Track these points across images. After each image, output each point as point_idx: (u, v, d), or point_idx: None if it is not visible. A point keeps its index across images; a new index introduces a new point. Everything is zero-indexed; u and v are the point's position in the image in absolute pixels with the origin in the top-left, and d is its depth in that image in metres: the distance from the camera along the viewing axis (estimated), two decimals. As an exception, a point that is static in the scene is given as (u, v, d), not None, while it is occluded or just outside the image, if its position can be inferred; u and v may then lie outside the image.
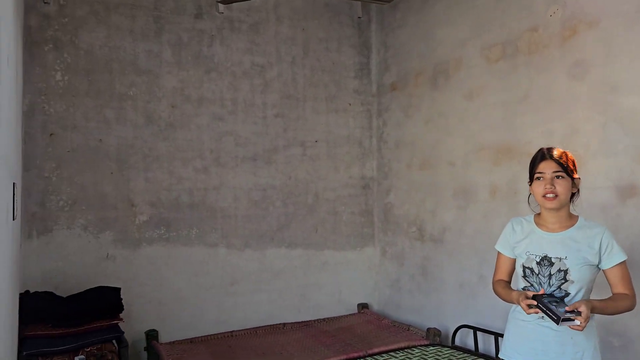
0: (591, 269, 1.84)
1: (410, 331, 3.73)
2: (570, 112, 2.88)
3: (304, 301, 4.25)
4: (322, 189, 4.37)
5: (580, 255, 1.83)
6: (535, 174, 1.91)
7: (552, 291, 1.83)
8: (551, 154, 1.90)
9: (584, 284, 1.84)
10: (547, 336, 1.84)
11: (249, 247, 4.06)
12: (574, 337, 1.81)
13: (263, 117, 4.15)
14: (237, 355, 3.36)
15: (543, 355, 1.85)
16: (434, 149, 3.89)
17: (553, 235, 1.90)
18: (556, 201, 1.85)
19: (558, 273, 1.83)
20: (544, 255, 1.87)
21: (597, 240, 1.85)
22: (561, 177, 1.86)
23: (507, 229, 2.06)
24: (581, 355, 1.82)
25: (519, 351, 1.92)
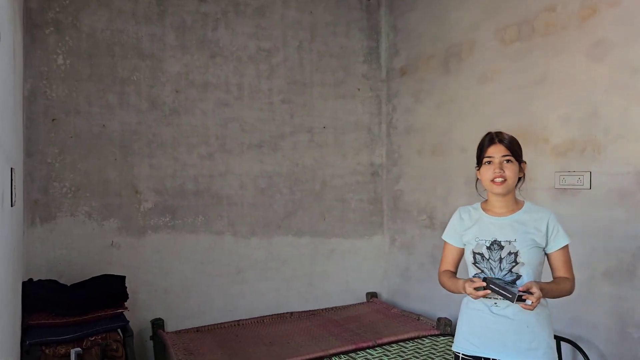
0: (539, 252, 1.85)
1: (421, 321, 3.66)
2: (589, 95, 2.76)
3: (312, 290, 4.18)
4: (329, 176, 4.28)
5: (529, 237, 1.84)
6: (484, 158, 1.90)
7: (504, 275, 1.82)
8: (500, 138, 1.89)
9: (534, 267, 1.84)
10: (503, 325, 1.82)
11: (255, 235, 3.99)
12: (530, 326, 1.80)
13: (269, 103, 4.05)
14: (244, 345, 3.31)
15: (499, 345, 1.83)
16: (446, 134, 3.79)
17: (501, 220, 1.90)
18: (504, 185, 1.85)
19: (508, 256, 1.82)
20: (494, 240, 1.86)
21: (544, 223, 1.87)
22: (510, 162, 1.86)
23: (454, 218, 2.04)
24: (537, 344, 1.81)
25: (475, 342, 1.88)
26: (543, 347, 1.81)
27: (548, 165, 2.99)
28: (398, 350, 3.12)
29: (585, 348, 2.70)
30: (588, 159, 2.78)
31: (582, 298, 2.80)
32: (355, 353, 3.07)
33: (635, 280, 2.56)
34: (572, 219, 2.85)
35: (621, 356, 2.63)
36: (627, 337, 2.60)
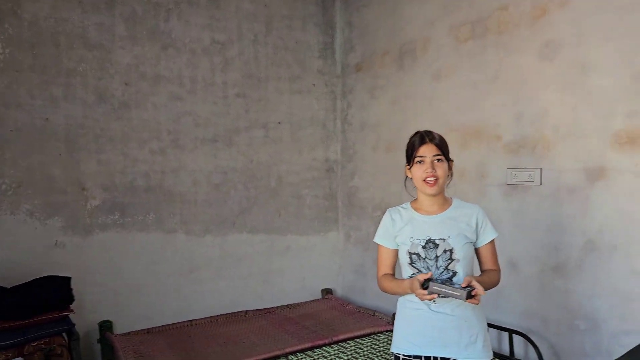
0: (471, 247, 1.89)
1: (376, 316, 3.67)
2: (541, 93, 2.83)
3: (267, 287, 4.13)
4: (285, 172, 4.23)
5: (462, 233, 1.86)
6: (416, 157, 1.89)
7: (440, 273, 1.83)
8: (431, 137, 1.90)
9: (468, 262, 1.87)
10: (443, 322, 1.83)
11: (209, 232, 3.89)
12: (468, 321, 1.83)
13: (224, 97, 3.96)
14: (197, 345, 3.22)
15: (440, 342, 1.84)
16: (400, 131, 3.81)
17: (433, 218, 1.91)
18: (436, 185, 1.86)
19: (444, 254, 1.83)
20: (428, 239, 1.86)
21: (474, 218, 1.91)
22: (441, 161, 1.88)
23: (385, 221, 2.00)
24: (475, 338, 1.84)
25: (415, 342, 1.87)
26: (481, 340, 1.85)
27: (500, 162, 3.06)
28: (354, 346, 3.11)
29: (537, 340, 2.78)
30: (539, 156, 2.85)
31: (534, 292, 2.89)
32: (312, 351, 3.05)
33: (583, 274, 2.65)
34: (523, 215, 2.92)
35: (570, 347, 2.72)
36: (575, 329, 2.69)
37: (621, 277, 2.50)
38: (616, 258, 2.52)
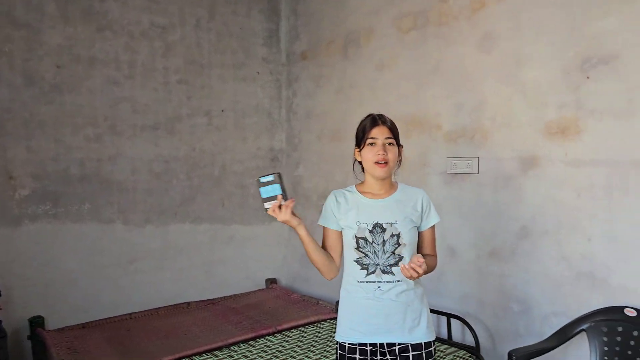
0: (416, 231, 1.89)
1: (320, 305, 3.69)
2: (479, 84, 2.91)
3: (210, 278, 4.06)
4: (229, 161, 4.16)
5: (408, 217, 1.85)
6: (367, 139, 1.85)
7: (387, 257, 1.81)
8: (383, 120, 1.88)
9: (413, 246, 1.87)
10: (388, 309, 1.81)
11: (150, 222, 3.78)
12: (411, 304, 1.84)
13: (165, 83, 3.83)
14: (137, 339, 3.12)
15: (385, 329, 1.82)
16: (345, 120, 3.82)
17: (380, 202, 1.88)
18: (387, 168, 1.83)
19: (391, 238, 1.81)
20: (375, 223, 1.83)
21: (419, 202, 1.91)
22: (392, 144, 1.85)
23: (329, 203, 1.93)
24: (418, 321, 1.85)
25: (360, 329, 1.84)
26: (424, 322, 1.86)
27: (441, 151, 3.12)
28: (298, 335, 3.11)
29: (473, 323, 2.87)
30: (476, 145, 2.93)
31: (471, 277, 2.98)
32: (255, 341, 3.02)
33: (517, 258, 2.75)
34: (462, 202, 3.00)
35: (504, 329, 2.83)
36: (509, 311, 2.80)
37: (552, 261, 2.61)
38: (547, 243, 2.63)
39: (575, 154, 2.51)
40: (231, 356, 2.80)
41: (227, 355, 2.81)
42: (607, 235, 2.41)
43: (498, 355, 2.84)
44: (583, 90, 2.47)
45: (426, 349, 1.85)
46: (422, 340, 1.84)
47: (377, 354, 1.84)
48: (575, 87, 2.50)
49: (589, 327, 2.38)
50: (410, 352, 1.82)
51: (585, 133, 2.47)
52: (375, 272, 1.82)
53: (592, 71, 2.43)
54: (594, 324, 2.37)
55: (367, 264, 1.83)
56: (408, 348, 1.82)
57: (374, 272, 1.82)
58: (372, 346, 1.84)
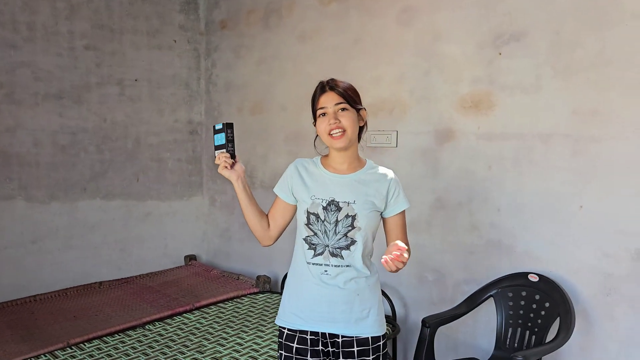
0: (377, 216, 1.70)
1: (240, 280, 3.63)
2: (398, 58, 2.93)
3: (125, 256, 3.87)
4: (144, 134, 3.95)
5: (369, 199, 1.67)
6: (318, 110, 1.68)
7: (338, 239, 1.65)
8: (332, 85, 1.67)
9: (370, 231, 1.69)
10: (334, 296, 1.66)
11: (55, 199, 3.52)
12: (360, 294, 1.67)
13: (70, 49, 3.54)
14: (42, 322, 2.92)
15: (328, 318, 1.67)
16: (266, 92, 3.74)
17: (341, 177, 1.70)
18: (344, 138, 1.63)
19: (345, 219, 1.64)
20: (331, 200, 1.66)
21: (385, 186, 1.71)
22: (346, 110, 1.65)
23: (289, 171, 1.77)
24: (367, 312, 1.68)
25: (302, 316, 1.69)
26: (373, 315, 1.69)
27: (361, 125, 3.13)
28: (217, 311, 3.05)
29: (390, 293, 2.94)
30: (395, 119, 2.96)
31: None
32: (172, 319, 2.93)
33: (432, 229, 2.84)
34: (380, 175, 3.03)
35: (419, 298, 2.92)
36: (424, 280, 2.89)
37: (464, 231, 2.71)
38: (460, 214, 2.73)
39: (487, 127, 2.60)
40: (145, 335, 2.69)
41: (141, 334, 2.70)
42: (513, 205, 2.53)
43: (413, 323, 2.93)
44: (495, 66, 2.55)
45: (373, 344, 1.68)
46: (370, 335, 1.68)
47: (318, 344, 1.69)
48: (489, 63, 2.57)
49: (496, 292, 2.50)
50: (355, 347, 1.67)
51: (497, 107, 2.56)
52: (323, 253, 1.66)
53: (504, 47, 2.51)
54: (501, 289, 2.50)
55: (316, 244, 1.67)
56: (353, 342, 1.67)
57: (322, 253, 1.66)
58: (313, 335, 1.69)
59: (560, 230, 2.38)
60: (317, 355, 1.69)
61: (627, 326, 2.22)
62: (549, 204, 2.42)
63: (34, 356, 2.41)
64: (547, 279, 2.37)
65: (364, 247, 1.66)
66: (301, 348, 1.69)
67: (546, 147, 2.40)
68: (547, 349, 2.13)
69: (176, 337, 2.67)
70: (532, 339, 2.35)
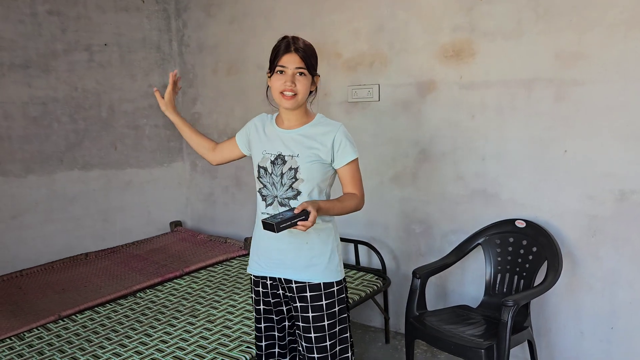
0: (323, 167, 1.73)
1: (228, 243, 3.63)
2: (375, 9, 2.85)
3: (108, 226, 3.82)
4: (117, 101, 3.83)
5: (312, 152, 1.72)
6: (277, 67, 1.70)
7: (285, 190, 1.72)
8: (297, 47, 1.69)
9: (315, 183, 1.72)
10: (283, 244, 1.74)
11: (31, 172, 3.42)
12: (310, 243, 1.73)
13: (32, 14, 3.37)
14: (30, 297, 2.89)
15: (279, 264, 1.77)
16: (241, 52, 3.63)
17: (288, 133, 1.77)
18: (294, 100, 1.69)
19: (289, 171, 1.71)
20: (279, 154, 1.74)
21: (330, 138, 1.73)
22: (303, 74, 1.69)
23: (250, 123, 1.89)
24: (317, 260, 1.74)
25: (260, 263, 1.82)
26: (324, 263, 1.75)
27: (341, 80, 3.08)
28: (207, 275, 3.05)
29: (379, 247, 2.97)
30: (376, 72, 2.92)
31: (375, 203, 3.04)
32: (162, 285, 2.92)
33: (417, 181, 2.84)
34: (364, 131, 3.01)
35: (407, 250, 2.96)
36: (411, 232, 2.92)
37: (449, 182, 2.73)
38: (445, 165, 2.73)
39: (469, 76, 2.58)
40: (137, 303, 2.68)
41: (133, 302, 2.70)
42: (498, 154, 2.54)
43: (403, 274, 2.98)
44: (476, 12, 2.51)
45: (326, 289, 1.75)
46: (321, 281, 1.74)
47: (278, 289, 1.81)
48: (469, 9, 2.52)
49: (483, 240, 2.54)
50: (307, 292, 1.74)
51: (478, 55, 2.53)
52: (272, 204, 1.74)
53: (484, -7, 2.46)
54: (488, 237, 2.54)
55: (266, 195, 1.76)
56: (305, 287, 1.74)
57: (272, 204, 1.74)
58: (272, 280, 1.81)
59: (545, 175, 2.41)
60: (277, 297, 1.83)
61: (610, 265, 2.28)
62: (532, 150, 2.43)
63: (27, 330, 2.40)
64: (534, 224, 2.41)
65: (310, 197, 1.72)
66: (264, 292, 1.84)
67: (529, 93, 2.40)
68: (536, 291, 2.19)
69: (168, 303, 2.67)
70: (521, 283, 2.41)
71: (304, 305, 1.75)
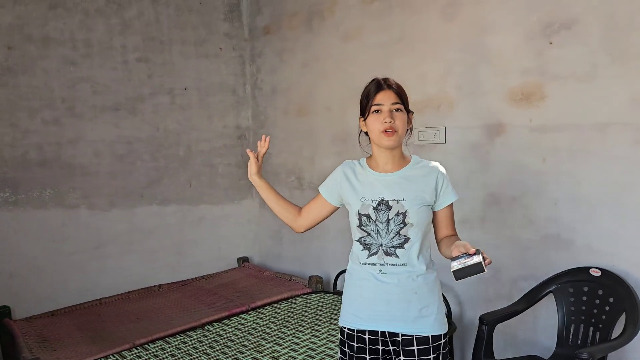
0: (428, 210, 1.69)
1: (293, 281, 3.69)
2: (443, 53, 2.90)
3: (181, 260, 4.00)
4: (195, 141, 4.07)
5: (418, 195, 1.66)
6: (372, 106, 1.66)
7: (392, 238, 1.65)
8: (389, 84, 1.69)
9: (423, 227, 1.67)
10: (390, 294, 1.65)
11: (115, 206, 3.68)
12: (418, 292, 1.66)
13: (124, 62, 3.70)
14: (108, 324, 3.07)
15: (386, 316, 1.66)
16: (311, 94, 3.78)
17: (388, 176, 1.70)
18: (395, 137, 1.64)
19: (396, 217, 1.64)
20: (381, 199, 1.66)
21: (434, 179, 1.70)
22: (400, 111, 1.66)
23: (336, 174, 1.79)
24: (427, 311, 1.66)
25: (360, 315, 1.70)
26: (433, 313, 1.67)
27: (408, 122, 3.11)
28: (272, 311, 3.11)
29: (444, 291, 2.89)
30: (443, 115, 2.93)
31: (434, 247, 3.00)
32: (229, 319, 3.01)
33: (486, 224, 2.79)
34: (430, 172, 3.01)
35: (475, 296, 2.88)
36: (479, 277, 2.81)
37: (519, 226, 2.66)
38: (515, 209, 2.67)
39: (539, 119, 2.54)
40: (205, 336, 2.78)
41: (201, 335, 2.79)
42: (571, 198, 2.45)
43: (469, 321, 2.89)
44: (546, 56, 2.48)
45: (434, 342, 1.66)
46: (430, 333, 1.66)
47: (378, 343, 1.70)
48: (539, 53, 2.51)
49: (555, 288, 2.44)
50: (415, 346, 1.65)
51: (549, 98, 2.50)
52: (377, 253, 1.66)
53: (554, 36, 2.44)
54: (561, 285, 2.43)
55: (370, 244, 1.68)
56: (413, 341, 1.65)
57: (376, 253, 1.66)
58: (371, 334, 1.70)
59: (622, 222, 2.30)
60: (376, 354, 1.70)
61: (699, 320, 2.12)
62: (609, 195, 2.33)
63: (104, 356, 2.54)
64: (610, 273, 2.29)
65: (419, 243, 1.66)
66: (360, 347, 1.71)
67: (604, 136, 2.32)
68: (613, 345, 2.06)
69: (234, 337, 2.74)
70: (597, 335, 2.28)
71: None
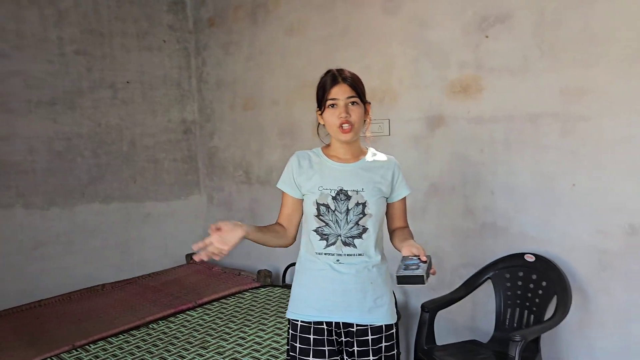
0: (384, 202, 1.70)
1: (241, 276, 3.66)
2: (386, 46, 2.93)
3: (126, 258, 3.91)
4: (138, 136, 3.97)
5: (376, 187, 1.67)
6: (328, 100, 1.63)
7: (350, 228, 1.64)
8: (344, 76, 1.65)
9: (379, 218, 1.68)
10: (347, 284, 1.64)
11: (54, 205, 3.55)
12: (374, 282, 1.66)
13: (60, 55, 3.56)
14: (47, 326, 2.96)
15: (343, 306, 1.65)
16: (257, 87, 3.75)
17: (347, 166, 1.69)
18: (352, 132, 1.62)
19: (356, 207, 1.63)
20: (340, 189, 1.64)
21: (390, 171, 1.72)
22: (355, 104, 1.64)
23: (291, 164, 1.73)
24: (381, 301, 1.67)
25: (316, 306, 1.66)
26: (387, 303, 1.69)
27: (352, 115, 3.14)
28: (219, 307, 3.08)
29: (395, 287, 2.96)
30: (386, 107, 2.97)
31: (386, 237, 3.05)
32: (175, 317, 2.96)
33: (427, 215, 2.86)
34: (374, 165, 3.05)
35: (418, 284, 2.93)
36: (422, 266, 2.90)
37: (459, 216, 2.73)
38: (455, 199, 2.74)
39: (477, 111, 2.61)
40: (149, 334, 2.72)
41: (145, 333, 2.73)
42: (506, 187, 2.54)
43: (413, 308, 2.96)
44: (482, 49, 2.55)
45: (387, 331, 1.68)
46: (384, 323, 1.67)
47: (332, 334, 1.67)
48: (476, 46, 2.58)
49: (493, 274, 2.53)
50: (369, 336, 1.65)
51: (485, 90, 2.57)
52: (335, 243, 1.64)
53: (490, 30, 2.52)
54: (498, 271, 2.52)
55: (328, 234, 1.65)
56: (367, 331, 1.65)
57: (334, 243, 1.64)
58: (328, 325, 1.66)
59: (554, 209, 2.40)
60: (333, 344, 1.67)
61: (623, 300, 2.24)
62: (541, 184, 2.43)
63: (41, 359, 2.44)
64: (543, 258, 2.39)
65: (375, 234, 1.67)
66: (318, 339, 1.66)
67: (535, 127, 2.41)
68: (545, 327, 2.16)
69: (180, 335, 2.70)
70: (531, 318, 2.37)
71: (364, 350, 1.65)
